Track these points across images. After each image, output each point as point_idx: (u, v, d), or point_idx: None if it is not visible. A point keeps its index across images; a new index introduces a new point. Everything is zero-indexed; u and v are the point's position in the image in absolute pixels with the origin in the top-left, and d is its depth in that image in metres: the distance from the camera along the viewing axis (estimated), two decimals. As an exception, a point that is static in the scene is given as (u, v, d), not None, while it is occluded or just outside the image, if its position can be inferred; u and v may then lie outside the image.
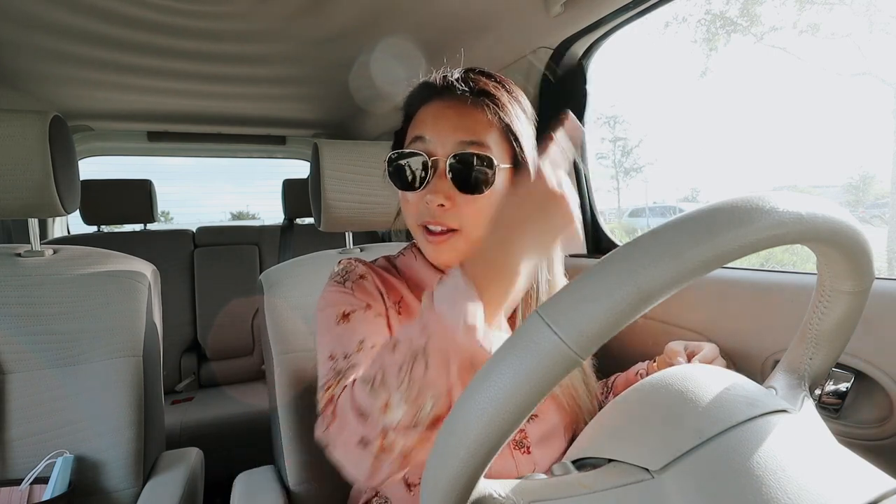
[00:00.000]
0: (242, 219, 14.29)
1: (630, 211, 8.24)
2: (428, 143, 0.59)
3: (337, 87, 1.55)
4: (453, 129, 0.59)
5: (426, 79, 0.65)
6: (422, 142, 0.59)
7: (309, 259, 0.99)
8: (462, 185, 0.57)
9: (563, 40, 1.12)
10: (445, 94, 0.61)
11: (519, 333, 0.25)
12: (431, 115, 0.61)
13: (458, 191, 0.57)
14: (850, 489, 0.27)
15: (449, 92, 0.61)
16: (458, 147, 0.58)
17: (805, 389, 0.39)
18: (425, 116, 0.61)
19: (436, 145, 0.58)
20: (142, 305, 0.92)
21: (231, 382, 1.95)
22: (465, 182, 0.57)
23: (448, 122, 0.59)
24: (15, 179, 0.80)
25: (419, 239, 0.62)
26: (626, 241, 0.27)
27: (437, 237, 0.59)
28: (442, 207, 0.57)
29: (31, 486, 0.75)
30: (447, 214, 0.58)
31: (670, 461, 0.29)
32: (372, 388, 0.44)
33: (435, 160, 0.58)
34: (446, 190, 0.57)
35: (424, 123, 0.61)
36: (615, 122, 10.42)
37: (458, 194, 0.58)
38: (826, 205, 0.29)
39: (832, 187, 5.34)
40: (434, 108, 0.61)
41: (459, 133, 0.58)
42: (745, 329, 0.77)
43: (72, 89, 1.50)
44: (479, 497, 0.30)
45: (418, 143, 0.60)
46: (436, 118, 0.60)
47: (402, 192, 0.62)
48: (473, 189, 0.57)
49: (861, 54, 3.97)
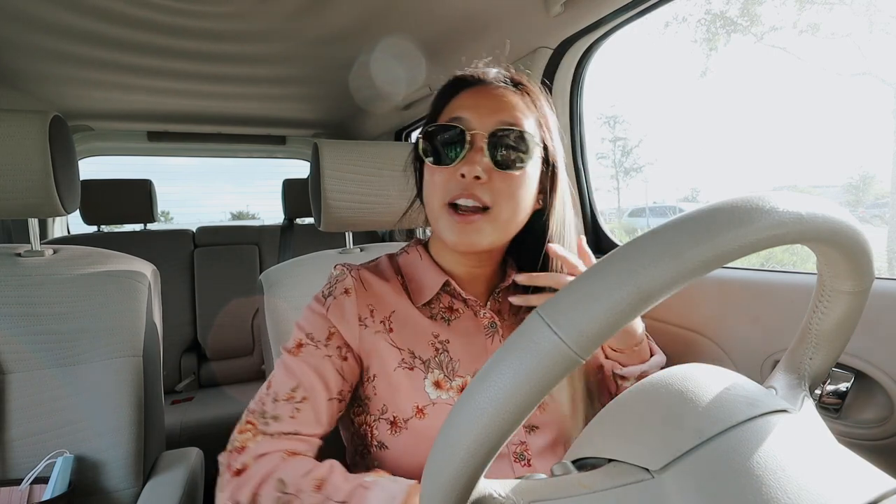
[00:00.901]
0: (242, 219, 14.30)
1: (630, 211, 8.23)
2: (466, 122, 0.59)
3: (337, 87, 1.55)
4: (493, 110, 0.59)
5: (458, 73, 0.66)
6: (459, 121, 0.59)
7: (309, 259, 0.99)
8: (499, 162, 0.58)
9: (563, 40, 1.12)
10: (481, 83, 0.63)
11: (519, 333, 0.25)
12: (470, 99, 0.61)
13: (495, 166, 0.58)
14: (850, 489, 0.27)
15: (484, 82, 0.63)
16: (497, 125, 0.58)
17: (805, 389, 0.39)
18: (463, 101, 0.62)
19: (475, 123, 0.59)
20: (142, 305, 0.92)
21: (231, 382, 1.95)
22: (502, 158, 0.58)
23: (487, 104, 0.60)
24: (15, 179, 0.80)
25: (443, 222, 0.60)
26: (626, 241, 0.27)
27: (466, 217, 0.58)
28: (478, 180, 0.57)
29: (31, 486, 0.75)
30: (482, 188, 0.57)
31: (670, 461, 0.29)
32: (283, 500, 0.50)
33: (474, 134, 0.58)
34: (484, 163, 0.57)
35: (462, 106, 0.61)
36: (615, 122, 10.42)
37: (493, 170, 0.58)
38: (826, 205, 0.29)
39: (832, 187, 5.34)
40: (472, 93, 0.62)
41: (498, 114, 0.59)
42: (745, 329, 0.77)
43: (72, 89, 1.50)
44: (479, 497, 0.30)
45: (455, 122, 0.60)
46: (475, 100, 0.61)
47: (432, 170, 0.61)
48: (510, 165, 0.58)
49: (861, 54, 3.97)
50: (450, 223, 0.59)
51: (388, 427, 0.60)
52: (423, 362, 0.61)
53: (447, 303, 0.66)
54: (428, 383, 0.60)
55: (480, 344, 0.64)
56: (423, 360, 0.61)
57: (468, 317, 0.66)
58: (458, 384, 0.61)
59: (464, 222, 0.57)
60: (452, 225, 0.58)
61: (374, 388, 0.62)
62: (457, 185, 0.58)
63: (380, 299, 0.64)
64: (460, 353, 0.62)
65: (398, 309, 0.64)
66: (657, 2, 0.92)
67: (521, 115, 0.60)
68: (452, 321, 0.65)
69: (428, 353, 0.62)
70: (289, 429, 0.56)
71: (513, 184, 0.58)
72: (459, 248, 0.60)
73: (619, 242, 1.18)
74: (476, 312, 0.66)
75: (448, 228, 0.59)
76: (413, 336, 0.63)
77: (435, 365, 0.61)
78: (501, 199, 0.58)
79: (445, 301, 0.66)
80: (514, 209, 0.59)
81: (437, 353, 0.62)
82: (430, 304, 0.66)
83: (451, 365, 0.62)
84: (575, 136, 1.25)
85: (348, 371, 0.61)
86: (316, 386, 0.58)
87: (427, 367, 0.61)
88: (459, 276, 0.67)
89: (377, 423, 0.61)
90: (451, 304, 0.66)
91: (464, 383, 0.61)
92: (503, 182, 0.58)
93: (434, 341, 0.63)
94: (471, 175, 0.56)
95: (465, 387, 0.58)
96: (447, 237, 0.60)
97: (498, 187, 0.58)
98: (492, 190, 0.57)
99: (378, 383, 0.62)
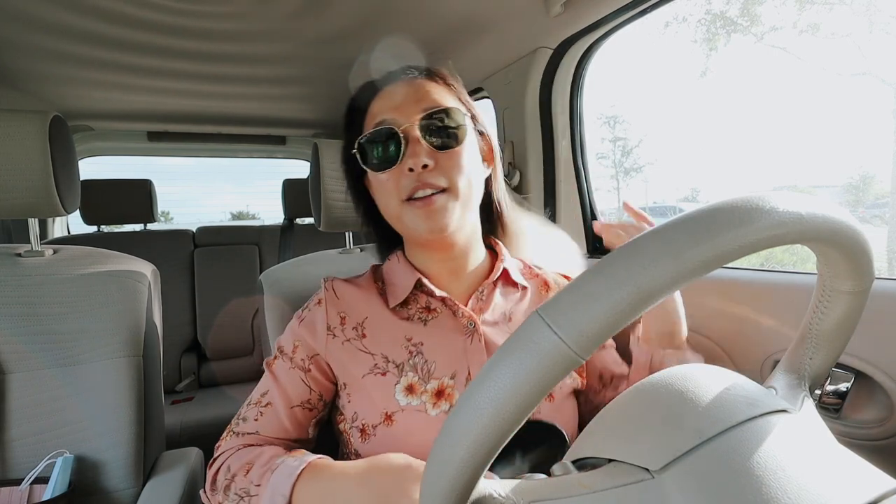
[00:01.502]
0: (242, 219, 14.29)
1: (630, 211, 8.20)
2: (393, 121, 0.59)
3: (337, 87, 1.55)
4: (413, 101, 0.60)
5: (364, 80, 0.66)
6: (385, 123, 0.60)
7: (309, 259, 0.99)
8: (439, 144, 0.59)
9: (563, 40, 1.12)
10: (390, 81, 0.63)
11: (519, 333, 0.25)
12: (385, 100, 0.61)
13: (437, 150, 0.59)
14: (850, 489, 0.27)
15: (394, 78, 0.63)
16: (422, 111, 0.59)
17: (805, 389, 0.39)
18: (380, 105, 0.62)
19: (401, 119, 0.59)
20: (142, 305, 0.92)
21: (231, 382, 1.95)
22: (441, 140, 0.59)
23: (405, 97, 0.60)
24: (15, 179, 0.79)
25: (407, 216, 0.60)
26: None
27: (427, 200, 0.58)
28: (426, 168, 0.57)
29: (31, 486, 0.75)
30: (432, 174, 0.58)
31: (670, 461, 0.29)
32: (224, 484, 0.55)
33: (406, 128, 0.59)
34: (425, 151, 0.58)
35: (382, 109, 0.61)
36: (615, 122, 10.40)
37: (437, 153, 0.59)
38: (826, 205, 0.29)
39: (832, 187, 5.34)
40: (385, 95, 0.62)
41: (420, 103, 0.60)
42: (745, 329, 0.77)
43: (72, 89, 1.50)
44: (479, 497, 0.30)
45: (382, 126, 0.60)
46: (391, 99, 0.61)
47: (377, 177, 0.61)
48: (451, 143, 0.59)
49: (861, 54, 3.97)
50: (414, 214, 0.59)
51: (359, 435, 0.59)
52: (397, 366, 0.60)
53: (424, 303, 0.65)
54: (399, 389, 0.59)
55: (459, 344, 0.61)
56: (397, 364, 0.60)
57: (447, 316, 0.64)
58: (433, 387, 0.59)
59: (427, 206, 0.58)
60: (417, 215, 0.59)
61: (348, 395, 0.62)
62: (409, 181, 0.58)
63: (352, 306, 0.65)
64: (437, 355, 0.60)
65: (371, 314, 0.64)
66: (657, 2, 0.92)
67: (439, 95, 0.61)
68: (430, 321, 0.63)
69: (401, 356, 0.60)
70: (251, 429, 0.62)
71: (460, 158, 0.59)
72: (432, 234, 0.59)
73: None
74: (455, 312, 0.64)
75: (413, 220, 0.59)
76: (386, 340, 0.62)
77: (409, 368, 0.60)
78: (454, 175, 0.59)
79: (423, 301, 0.65)
80: (468, 180, 0.60)
81: (410, 355, 0.60)
82: (408, 306, 0.65)
83: (427, 367, 0.60)
84: (575, 136, 1.25)
85: (313, 381, 0.62)
86: (278, 395, 0.62)
87: (401, 371, 0.59)
88: (436, 273, 0.66)
89: (351, 430, 0.61)
90: (428, 303, 0.65)
91: (440, 386, 0.59)
92: (450, 160, 0.59)
93: (407, 344, 0.61)
94: (418, 166, 0.57)
95: (441, 389, 0.58)
96: (416, 228, 0.60)
97: (447, 166, 0.58)
98: (442, 171, 0.58)
99: (350, 391, 0.62)
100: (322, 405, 0.64)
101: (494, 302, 0.66)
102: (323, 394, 0.64)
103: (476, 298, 0.66)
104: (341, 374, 0.62)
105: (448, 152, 0.59)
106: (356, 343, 0.62)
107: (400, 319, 0.63)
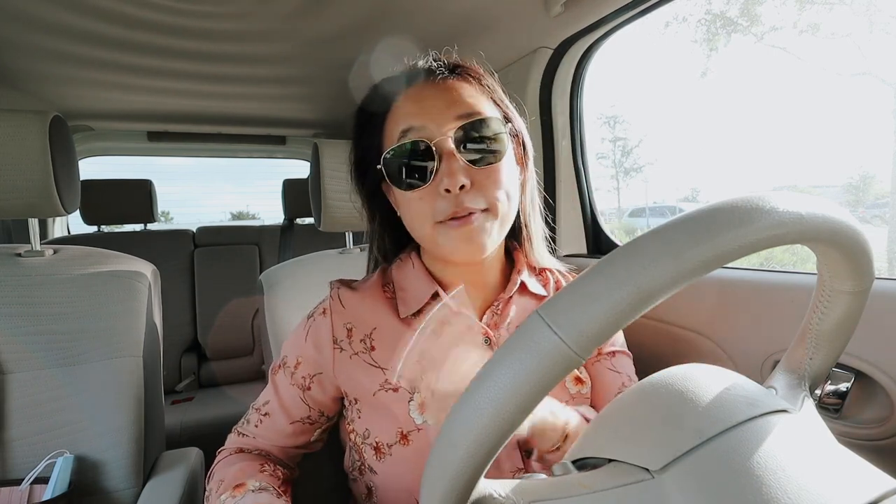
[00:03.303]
0: (242, 219, 14.27)
1: (630, 211, 8.22)
2: (421, 131, 0.52)
3: (337, 87, 1.55)
4: (444, 106, 0.53)
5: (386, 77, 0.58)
6: (413, 132, 0.53)
7: (309, 259, 0.99)
8: (477, 159, 0.52)
9: (563, 40, 1.12)
10: (417, 80, 0.55)
11: (519, 333, 0.25)
12: (412, 104, 0.54)
13: (474, 166, 0.52)
14: (850, 489, 0.27)
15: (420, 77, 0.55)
16: (456, 121, 0.52)
17: (805, 389, 0.39)
18: (405, 108, 0.54)
19: (431, 129, 0.52)
20: (142, 305, 0.92)
21: (231, 382, 1.96)
22: (479, 154, 0.52)
23: (435, 100, 0.53)
24: (15, 179, 0.80)
25: (441, 238, 0.53)
26: (626, 241, 0.27)
27: (465, 220, 0.52)
28: (464, 189, 0.51)
29: (31, 486, 0.75)
30: (470, 196, 0.51)
31: (670, 461, 0.29)
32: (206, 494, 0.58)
33: (439, 141, 0.51)
34: (461, 168, 0.51)
35: (408, 114, 0.54)
36: (615, 122, 10.40)
37: (474, 170, 0.52)
38: (826, 205, 0.29)
39: (832, 187, 5.33)
40: (411, 96, 0.55)
41: (453, 109, 0.52)
42: (745, 329, 0.77)
43: (72, 89, 1.50)
44: (479, 497, 0.30)
45: (409, 134, 0.53)
46: (419, 103, 0.54)
47: (406, 197, 0.54)
48: (490, 159, 0.52)
49: (861, 54, 3.97)
50: (449, 237, 0.53)
51: (373, 452, 0.57)
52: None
53: None
54: (413, 406, 0.55)
55: None
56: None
57: None
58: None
59: (464, 225, 0.52)
60: (453, 237, 0.53)
61: (358, 411, 0.59)
62: (445, 204, 0.52)
63: (359, 317, 0.60)
64: None
65: (381, 325, 0.60)
66: (657, 2, 0.92)
67: (474, 99, 0.54)
68: None
69: None
70: (249, 432, 0.64)
71: (500, 177, 0.53)
72: (471, 256, 0.54)
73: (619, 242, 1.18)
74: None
75: (449, 242, 0.53)
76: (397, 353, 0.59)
77: None
78: (493, 194, 0.53)
79: None
80: (507, 195, 0.55)
81: None
82: (420, 317, 0.60)
83: None
84: (575, 136, 1.25)
85: (312, 400, 0.61)
86: (278, 407, 0.63)
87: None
88: (454, 284, 0.61)
89: (363, 446, 0.58)
90: None
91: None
92: (488, 178, 0.52)
93: None
94: (456, 187, 0.50)
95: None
96: (452, 251, 0.54)
97: (485, 185, 0.52)
98: (481, 190, 0.52)
99: (361, 407, 0.59)
100: (324, 420, 0.64)
101: (510, 316, 0.62)
102: (324, 410, 0.63)
103: (492, 313, 0.61)
104: (350, 389, 0.59)
105: (486, 169, 0.52)
106: (364, 357, 0.58)
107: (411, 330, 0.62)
